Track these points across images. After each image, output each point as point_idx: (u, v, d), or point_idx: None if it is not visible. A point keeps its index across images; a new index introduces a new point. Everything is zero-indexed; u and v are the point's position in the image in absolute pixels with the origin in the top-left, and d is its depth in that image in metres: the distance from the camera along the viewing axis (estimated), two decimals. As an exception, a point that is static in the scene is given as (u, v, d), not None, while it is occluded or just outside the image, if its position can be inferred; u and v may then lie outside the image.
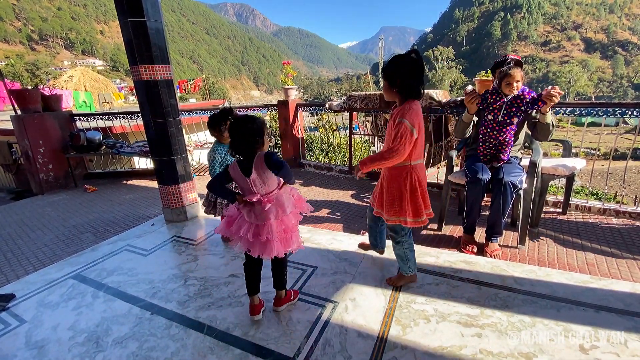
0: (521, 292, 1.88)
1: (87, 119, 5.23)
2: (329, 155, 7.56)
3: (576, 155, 3.48)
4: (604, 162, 17.62)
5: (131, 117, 5.42)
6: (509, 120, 2.28)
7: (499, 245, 2.48)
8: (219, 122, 2.36)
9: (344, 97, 4.59)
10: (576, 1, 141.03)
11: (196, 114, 6.14)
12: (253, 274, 1.74)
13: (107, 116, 5.34)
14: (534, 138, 2.47)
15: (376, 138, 6.31)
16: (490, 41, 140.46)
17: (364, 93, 4.38)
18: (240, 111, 5.06)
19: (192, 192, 3.21)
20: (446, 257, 2.28)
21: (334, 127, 7.10)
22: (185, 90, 29.40)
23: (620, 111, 2.84)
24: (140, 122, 3.16)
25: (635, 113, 2.80)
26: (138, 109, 3.07)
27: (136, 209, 3.82)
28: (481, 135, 2.43)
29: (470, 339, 1.56)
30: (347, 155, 5.30)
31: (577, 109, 2.99)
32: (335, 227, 2.98)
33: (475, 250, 2.46)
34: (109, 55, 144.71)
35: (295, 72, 5.84)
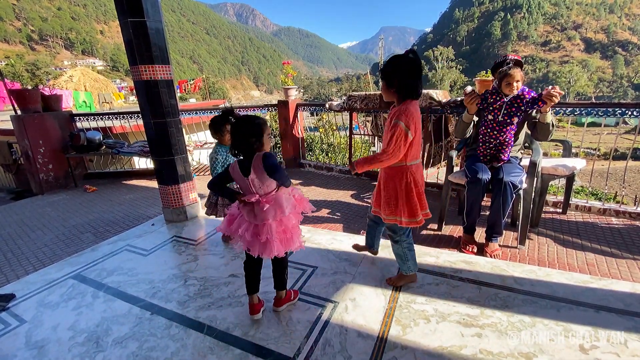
0: (521, 292, 1.88)
1: (87, 119, 5.23)
2: (329, 155, 7.56)
3: (576, 155, 3.48)
4: (604, 162, 17.63)
5: (131, 117, 5.42)
6: (509, 120, 2.29)
7: (499, 245, 2.48)
8: (220, 124, 2.36)
9: (344, 97, 4.58)
10: (576, 1, 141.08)
11: (196, 114, 6.14)
12: (253, 273, 1.75)
13: (107, 116, 5.34)
14: (533, 138, 2.48)
15: (376, 138, 6.31)
16: (490, 41, 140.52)
17: (364, 93, 4.38)
18: (240, 111, 5.06)
19: (192, 192, 3.22)
20: (446, 257, 2.28)
21: (334, 127, 7.10)
22: (185, 90, 29.38)
23: (620, 111, 2.84)
24: (140, 122, 3.16)
25: (635, 113, 2.80)
26: (138, 109, 3.08)
27: (136, 209, 3.82)
28: (481, 136, 2.43)
29: (470, 339, 1.56)
30: (347, 155, 5.30)
31: (577, 109, 2.99)
32: (335, 227, 2.98)
33: (475, 250, 2.46)
34: (109, 55, 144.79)
35: (295, 72, 5.84)
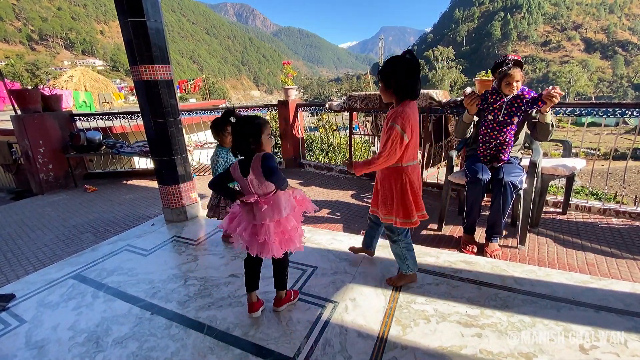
0: (521, 292, 1.88)
1: (87, 119, 5.23)
2: (329, 155, 7.57)
3: (576, 155, 3.48)
4: (604, 162, 17.63)
5: (131, 117, 5.42)
6: (509, 120, 2.29)
7: (499, 245, 2.48)
8: (222, 126, 2.35)
9: (344, 97, 4.58)
10: (576, 1, 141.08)
11: (196, 114, 6.15)
12: (253, 270, 1.76)
13: (107, 116, 5.34)
14: (533, 138, 2.48)
15: (376, 138, 6.30)
16: (490, 41, 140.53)
17: (364, 93, 4.38)
18: (241, 111, 5.06)
19: (192, 192, 3.22)
20: (446, 257, 2.28)
21: (334, 127, 7.10)
22: (185, 90, 29.35)
23: (620, 111, 2.84)
24: (140, 122, 3.16)
25: (635, 113, 2.80)
26: (138, 109, 3.08)
27: (136, 209, 3.82)
28: (481, 136, 2.43)
29: (471, 339, 1.56)
30: (347, 155, 5.30)
31: (577, 109, 2.99)
32: (335, 227, 2.98)
33: (475, 250, 2.46)
34: (109, 55, 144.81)
35: (295, 72, 5.84)
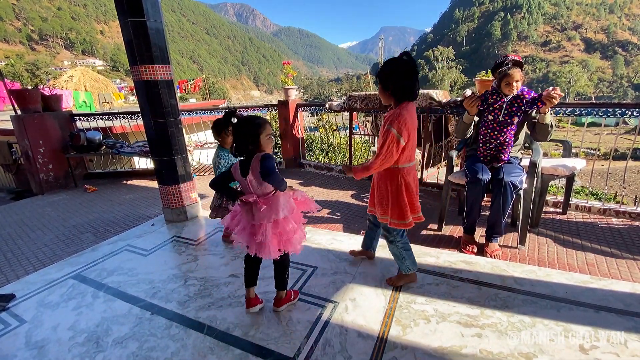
0: (521, 292, 1.88)
1: (87, 119, 5.23)
2: (329, 155, 7.57)
3: (576, 155, 3.48)
4: (604, 162, 17.63)
5: (131, 117, 5.42)
6: (509, 120, 2.29)
7: (499, 245, 2.48)
8: (222, 126, 2.36)
9: (344, 97, 4.59)
10: (576, 1, 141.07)
11: (196, 114, 6.15)
12: (252, 267, 1.78)
13: (107, 116, 5.34)
14: (532, 138, 2.48)
15: (376, 138, 6.30)
16: (490, 41, 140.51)
17: (364, 93, 4.39)
18: (241, 111, 5.07)
19: (192, 192, 3.22)
20: (446, 257, 2.28)
21: (334, 127, 7.11)
22: (185, 90, 29.35)
23: (620, 111, 2.84)
24: (140, 122, 3.16)
25: (635, 113, 2.81)
26: (138, 109, 3.08)
27: (136, 209, 3.82)
28: (482, 136, 2.43)
29: (471, 339, 1.56)
30: (347, 155, 5.30)
31: (577, 109, 2.99)
32: (335, 227, 2.98)
33: (475, 250, 2.46)
34: (109, 55, 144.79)
35: (295, 72, 5.84)
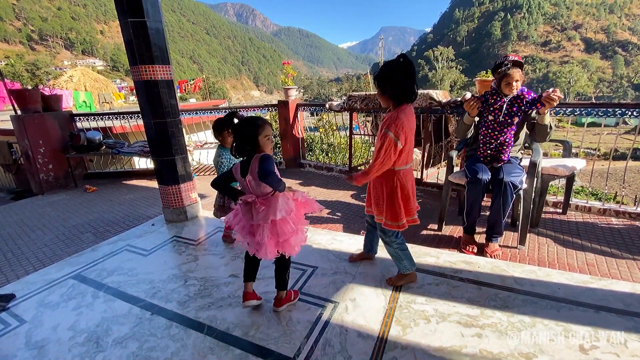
0: (521, 292, 1.88)
1: (87, 119, 5.23)
2: (329, 155, 7.56)
3: (576, 155, 3.48)
4: (604, 162, 17.63)
5: (131, 117, 5.42)
6: (509, 120, 2.29)
7: (499, 245, 2.48)
8: (222, 126, 2.36)
9: (344, 97, 4.59)
10: (576, 1, 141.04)
11: (196, 114, 6.15)
12: (251, 264, 1.80)
13: (107, 116, 5.34)
14: (531, 139, 2.48)
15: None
16: (490, 41, 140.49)
17: (364, 93, 4.39)
18: (241, 112, 5.07)
19: (192, 192, 3.22)
20: (446, 258, 2.28)
21: (334, 127, 7.10)
22: (186, 90, 29.35)
23: (620, 111, 2.84)
24: (140, 122, 3.17)
25: (635, 113, 2.81)
26: (138, 109, 3.08)
27: (136, 209, 3.82)
28: (482, 136, 2.43)
29: (471, 339, 1.56)
30: (347, 155, 5.30)
31: (577, 109, 2.99)
32: (335, 227, 2.98)
33: (475, 250, 2.46)
34: (109, 55, 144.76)
35: (295, 72, 5.84)
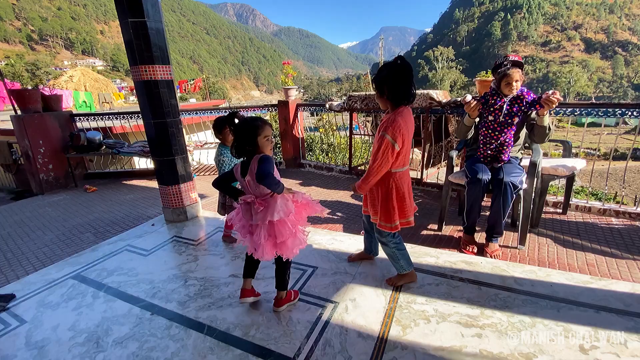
0: (521, 292, 1.88)
1: (87, 119, 5.23)
2: (329, 155, 7.57)
3: (576, 155, 3.48)
4: (604, 162, 17.64)
5: (131, 117, 5.42)
6: (509, 120, 2.29)
7: (499, 245, 2.48)
8: (223, 125, 2.37)
9: (344, 97, 4.59)
10: (576, 1, 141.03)
11: (196, 114, 6.16)
12: (251, 262, 1.81)
13: (107, 116, 5.34)
14: (530, 140, 2.48)
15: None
16: (490, 41, 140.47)
17: (364, 93, 4.39)
18: (241, 111, 5.07)
19: (192, 192, 3.22)
20: (446, 258, 2.28)
21: (334, 127, 7.11)
22: (186, 90, 29.33)
23: (620, 111, 2.84)
24: (140, 122, 3.17)
25: (635, 113, 2.81)
26: (138, 109, 3.08)
27: (136, 209, 3.82)
28: (482, 137, 2.43)
29: (471, 339, 1.56)
30: (347, 155, 5.30)
31: (577, 109, 2.99)
32: (335, 227, 2.98)
33: (475, 250, 2.46)
34: (109, 55, 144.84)
35: (295, 72, 5.85)
